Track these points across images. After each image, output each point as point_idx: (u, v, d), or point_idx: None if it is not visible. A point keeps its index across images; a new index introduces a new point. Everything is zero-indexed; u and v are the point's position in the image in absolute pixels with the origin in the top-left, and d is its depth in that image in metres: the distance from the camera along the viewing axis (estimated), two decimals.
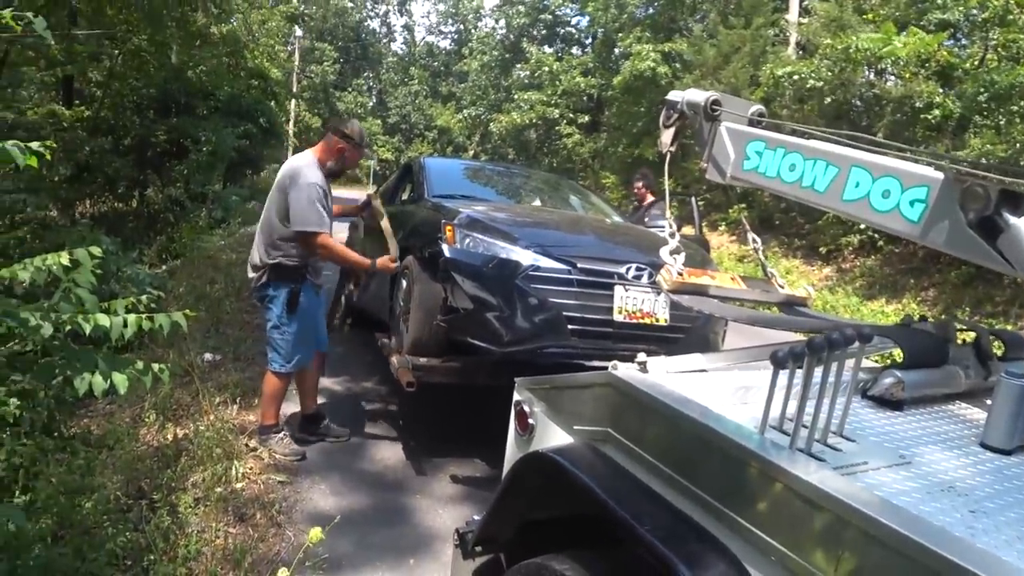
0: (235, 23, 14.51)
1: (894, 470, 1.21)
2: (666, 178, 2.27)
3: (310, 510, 2.99)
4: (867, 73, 11.91)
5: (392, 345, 3.67)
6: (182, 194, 11.79)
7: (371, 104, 44.96)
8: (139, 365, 2.01)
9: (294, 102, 28.60)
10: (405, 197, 5.05)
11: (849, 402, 1.31)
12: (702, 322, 3.37)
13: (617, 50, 21.84)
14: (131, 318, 1.96)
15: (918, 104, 10.37)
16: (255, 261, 3.36)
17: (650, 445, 1.36)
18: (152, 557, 2.34)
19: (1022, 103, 8.93)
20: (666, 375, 1.56)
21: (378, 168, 32.79)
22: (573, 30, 28.79)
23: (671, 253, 2.03)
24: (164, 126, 11.87)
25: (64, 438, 3.07)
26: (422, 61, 45.97)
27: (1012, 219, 1.36)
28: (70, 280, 2.03)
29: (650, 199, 5.88)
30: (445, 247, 3.19)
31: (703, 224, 8.24)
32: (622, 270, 3.25)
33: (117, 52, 10.27)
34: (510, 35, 30.35)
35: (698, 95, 2.08)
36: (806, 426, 1.19)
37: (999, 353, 1.81)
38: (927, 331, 1.74)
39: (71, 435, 3.16)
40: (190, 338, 4.64)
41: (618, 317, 3.17)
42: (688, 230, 5.59)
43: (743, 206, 13.35)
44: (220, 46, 12.39)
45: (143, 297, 2.25)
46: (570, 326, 3.12)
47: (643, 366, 1.57)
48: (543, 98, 23.84)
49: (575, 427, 1.61)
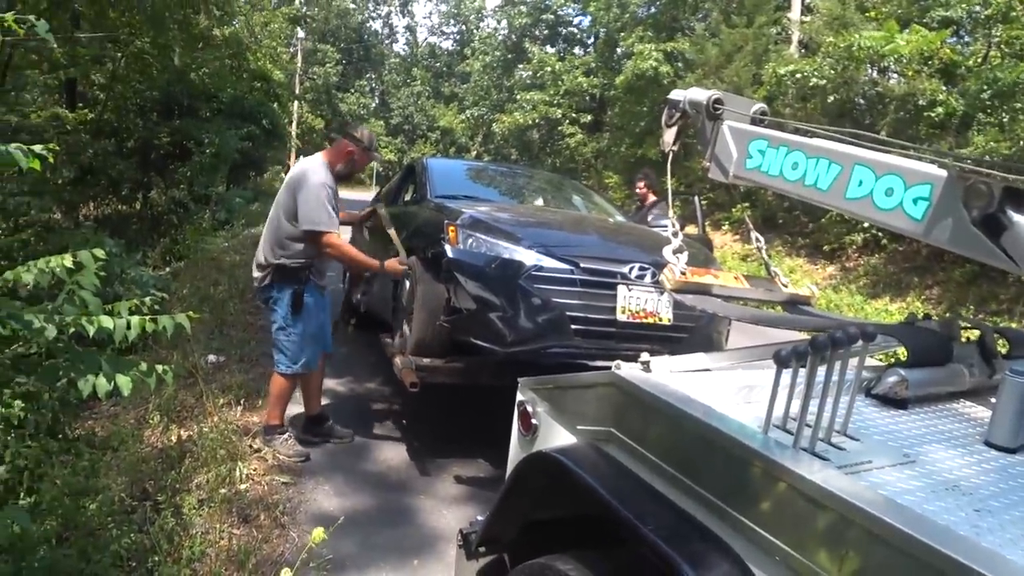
0: (238, 25, 14.51)
1: (898, 469, 1.21)
2: (668, 177, 2.26)
3: (314, 511, 3.00)
4: (870, 71, 11.87)
5: (395, 346, 3.68)
6: (185, 196, 11.79)
7: (374, 105, 45.09)
8: (143, 367, 2.01)
9: (297, 104, 28.65)
10: (408, 198, 5.06)
11: (853, 401, 1.31)
12: (705, 321, 3.37)
13: (619, 50, 21.87)
14: (135, 320, 1.97)
15: (921, 102, 10.35)
16: (260, 260, 3.39)
17: (653, 445, 1.36)
18: (156, 558, 2.35)
19: None
20: (669, 375, 1.56)
21: (381, 169, 32.77)
22: (575, 30, 28.82)
23: (674, 252, 2.03)
24: (167, 128, 11.88)
25: (68, 440, 3.07)
26: (424, 62, 46.07)
27: (1016, 216, 1.35)
28: (74, 282, 2.04)
29: (652, 199, 5.87)
30: (448, 247, 3.20)
31: (706, 223, 8.22)
32: (625, 270, 3.25)
33: (120, 55, 10.26)
34: (512, 35, 30.36)
35: (700, 94, 2.07)
36: (810, 425, 1.19)
37: (1003, 351, 1.80)
38: (931, 329, 1.74)
39: (75, 437, 3.16)
40: (194, 340, 4.65)
41: (621, 317, 3.17)
42: (691, 229, 5.57)
43: (746, 205, 13.34)
44: (223, 48, 12.41)
45: (147, 299, 2.25)
46: (573, 326, 3.12)
47: (646, 366, 1.57)
48: (545, 98, 23.84)
49: (578, 427, 1.60)
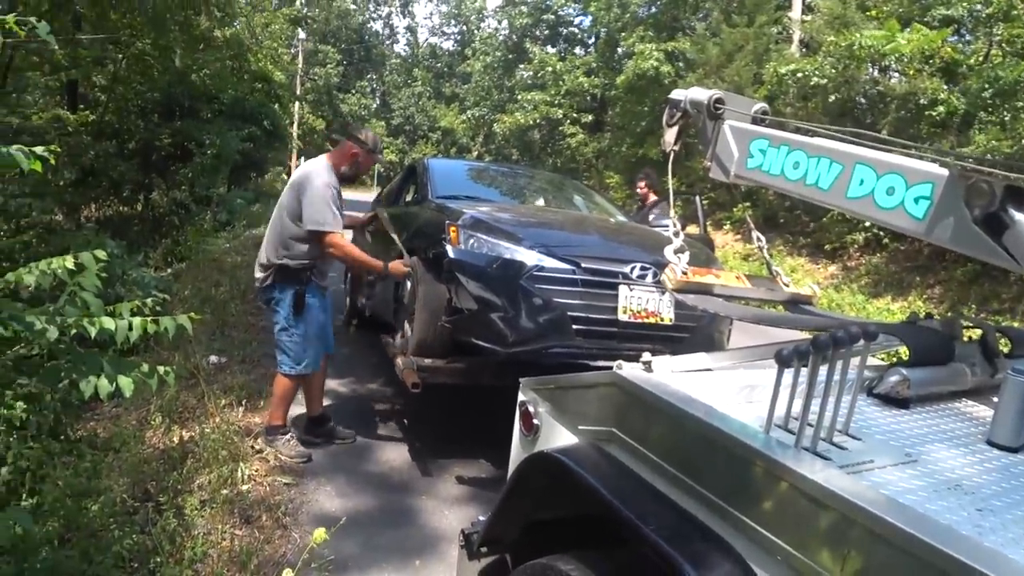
0: (238, 26, 14.54)
1: (900, 468, 1.21)
2: (670, 177, 2.26)
3: (316, 512, 3.00)
4: (871, 70, 11.87)
5: (397, 346, 3.68)
6: (187, 197, 11.80)
7: (375, 106, 45.15)
8: (145, 368, 2.01)
9: (298, 105, 28.65)
10: (409, 198, 5.06)
11: (854, 400, 1.30)
12: (707, 321, 3.36)
13: (620, 49, 21.87)
14: (136, 321, 1.97)
15: (922, 101, 10.34)
16: (263, 260, 3.41)
17: (655, 445, 1.36)
18: (158, 559, 2.35)
19: None
20: (671, 374, 1.56)
21: (383, 170, 32.70)
22: (576, 30, 28.83)
23: (675, 252, 2.03)
24: (168, 130, 11.89)
25: (70, 441, 3.08)
26: (425, 62, 46.13)
27: (1017, 215, 1.35)
28: (75, 284, 2.04)
29: (653, 198, 5.87)
30: (449, 248, 3.20)
31: (707, 223, 8.23)
32: (626, 269, 3.24)
33: (121, 56, 10.28)
34: (513, 36, 30.37)
35: (701, 93, 2.07)
36: (811, 425, 1.19)
37: (1005, 350, 1.80)
38: (933, 328, 1.73)
39: (77, 438, 3.17)
40: (195, 341, 4.65)
41: (623, 317, 3.17)
42: (692, 229, 5.57)
43: (747, 204, 13.33)
44: (224, 49, 12.42)
45: (148, 300, 2.26)
46: (575, 326, 3.12)
47: (648, 366, 1.57)
48: (546, 98, 23.85)
49: (580, 427, 1.60)
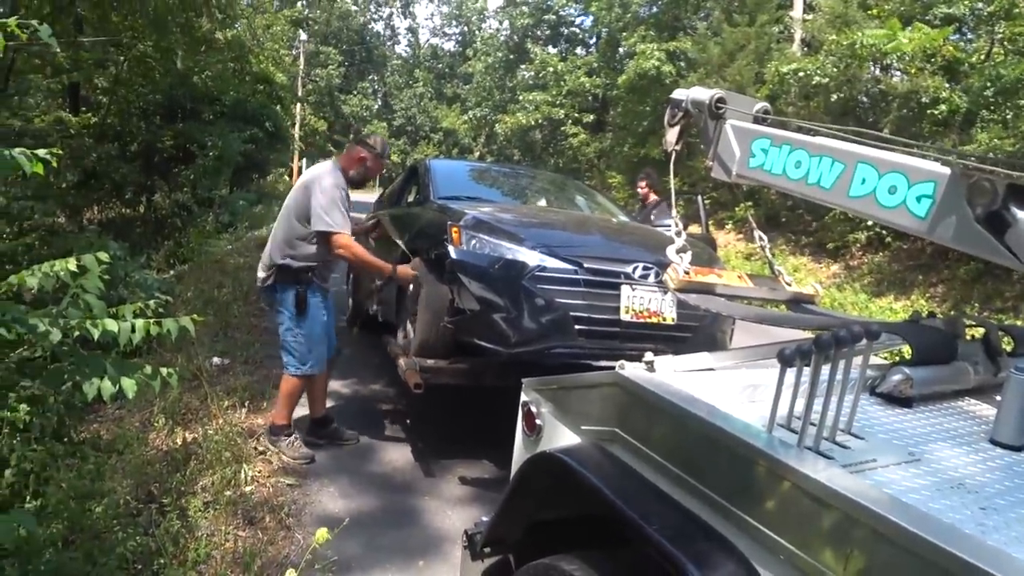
0: (240, 28, 14.54)
1: (903, 467, 1.20)
2: (672, 177, 2.26)
3: (319, 513, 3.00)
4: (872, 69, 11.87)
5: (400, 347, 3.68)
6: (189, 199, 11.81)
7: (376, 107, 45.19)
8: (148, 370, 2.02)
9: (299, 106, 28.68)
10: (411, 199, 5.06)
11: (857, 399, 1.30)
12: (709, 321, 3.36)
13: (621, 49, 21.86)
14: (139, 323, 1.97)
15: (924, 99, 10.33)
16: (266, 261, 3.43)
17: (658, 444, 1.36)
18: (162, 561, 2.35)
19: None
20: (673, 374, 1.56)
21: (385, 171, 32.81)
22: (577, 30, 28.79)
23: (677, 252, 2.03)
24: (170, 131, 11.90)
25: (74, 443, 3.08)
26: (426, 63, 46.16)
27: (1020, 214, 1.35)
28: (78, 286, 2.04)
29: (654, 198, 5.88)
30: (451, 248, 3.20)
31: (709, 222, 8.21)
32: (629, 269, 3.24)
33: (123, 59, 10.30)
34: (514, 36, 30.34)
35: (703, 93, 2.07)
36: (814, 424, 1.19)
37: (1008, 349, 1.80)
38: (936, 327, 1.73)
39: (81, 440, 3.17)
40: (198, 342, 4.66)
41: (625, 317, 3.17)
42: (694, 228, 5.57)
43: (749, 204, 13.27)
44: (225, 51, 12.42)
45: (151, 302, 2.26)
46: (577, 326, 3.12)
47: (650, 365, 1.56)
48: (548, 98, 23.83)
49: (582, 427, 1.60)
